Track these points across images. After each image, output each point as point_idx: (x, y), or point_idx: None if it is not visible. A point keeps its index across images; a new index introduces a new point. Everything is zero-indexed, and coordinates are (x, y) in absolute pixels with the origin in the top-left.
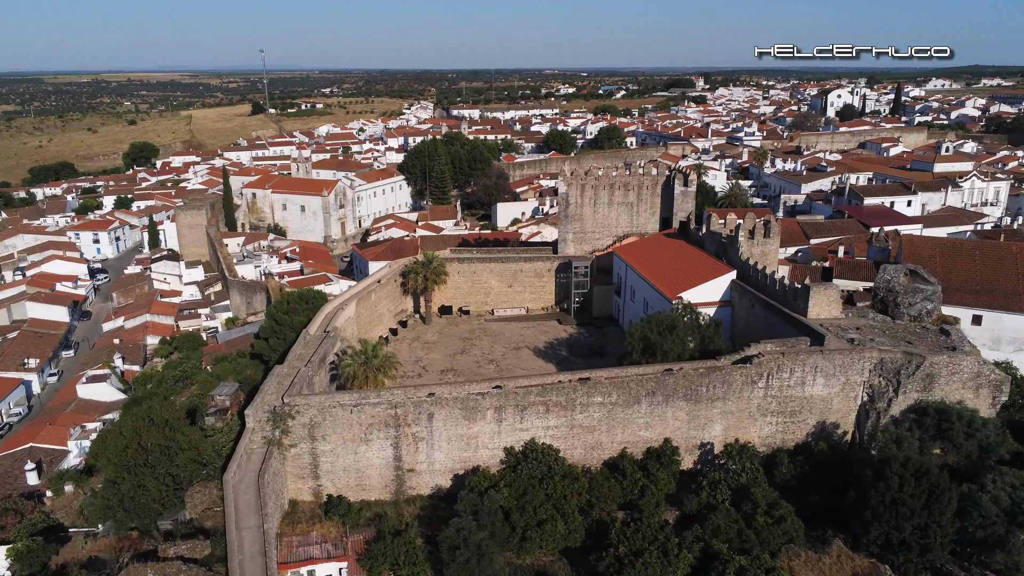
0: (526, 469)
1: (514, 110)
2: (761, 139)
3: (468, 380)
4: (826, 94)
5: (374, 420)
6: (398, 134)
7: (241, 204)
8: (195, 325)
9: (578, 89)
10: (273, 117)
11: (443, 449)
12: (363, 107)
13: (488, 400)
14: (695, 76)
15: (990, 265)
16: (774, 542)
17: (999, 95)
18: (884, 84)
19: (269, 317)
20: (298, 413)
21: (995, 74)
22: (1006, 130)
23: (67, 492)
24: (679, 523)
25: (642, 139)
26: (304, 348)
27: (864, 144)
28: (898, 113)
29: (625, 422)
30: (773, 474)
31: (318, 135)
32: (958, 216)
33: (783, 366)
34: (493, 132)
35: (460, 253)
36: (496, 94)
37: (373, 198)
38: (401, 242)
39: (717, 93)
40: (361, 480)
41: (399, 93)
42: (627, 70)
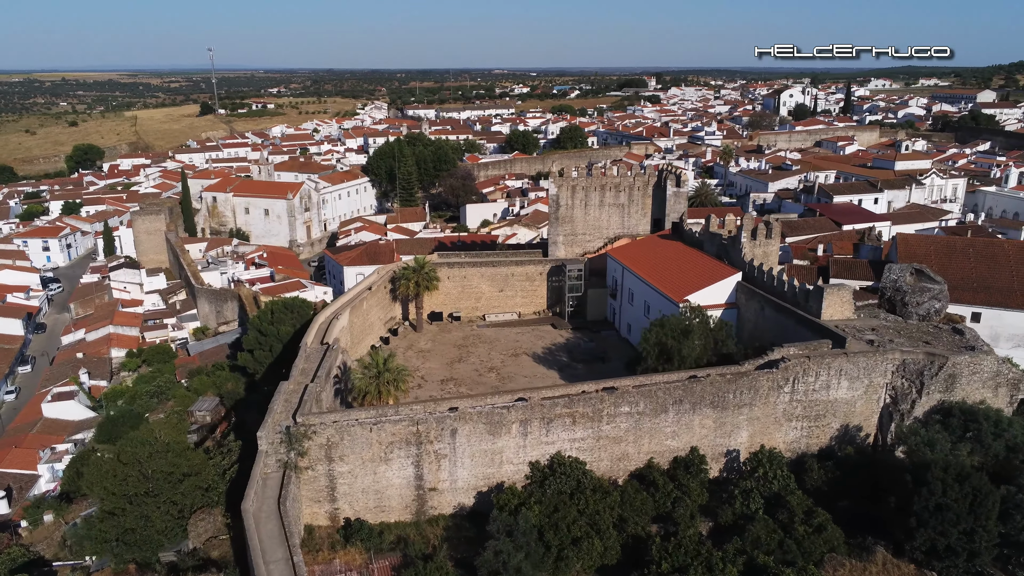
0: (554, 484)
1: (470, 110)
2: (721, 138)
3: (491, 393)
4: (778, 94)
5: (395, 438)
6: (356, 135)
7: (201, 208)
8: (162, 336)
9: (532, 89)
10: (223, 118)
11: (466, 466)
12: (316, 107)
13: (513, 414)
14: (647, 76)
15: (984, 263)
16: (815, 552)
17: (939, 95)
18: (828, 84)
19: (253, 328)
20: (314, 433)
21: (931, 74)
22: (952, 128)
23: (46, 522)
24: (713, 535)
25: (603, 139)
26: (307, 362)
27: (820, 143)
28: (849, 112)
29: (652, 432)
30: (803, 480)
31: (273, 136)
32: (923, 213)
33: (809, 370)
34: (454, 132)
35: (448, 257)
36: (451, 94)
37: (338, 201)
38: (376, 246)
39: (670, 93)
40: (380, 502)
41: (350, 93)
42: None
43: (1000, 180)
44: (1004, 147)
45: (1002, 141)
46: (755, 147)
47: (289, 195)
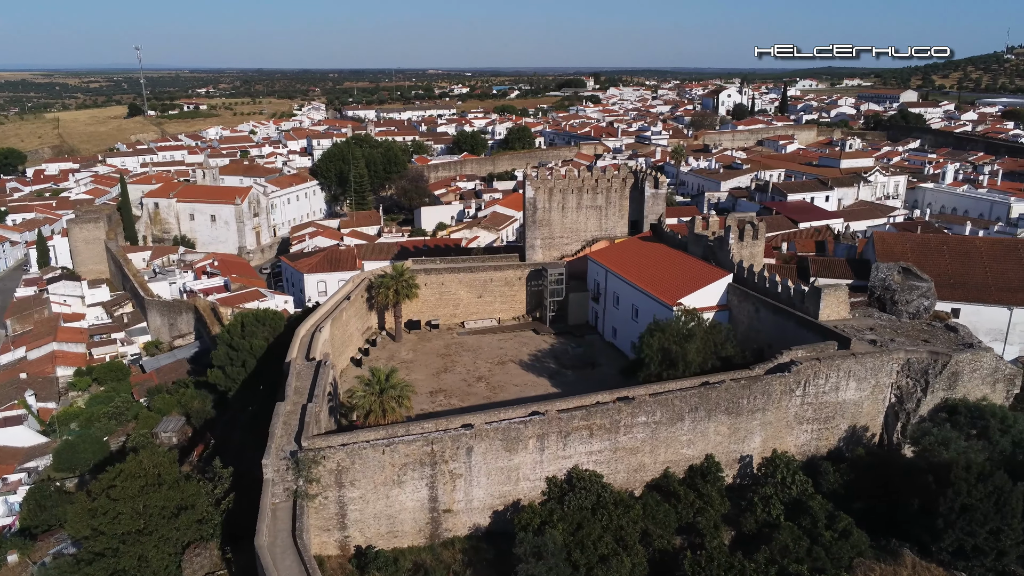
0: (575, 500)
1: (411, 110)
2: (667, 138)
3: (505, 406)
4: (716, 94)
5: (408, 459)
6: (297, 136)
7: (142, 215)
8: (110, 352)
9: (472, 89)
10: (153, 120)
11: (482, 485)
12: (251, 108)
13: (530, 428)
14: (585, 76)
15: (959, 260)
16: (843, 557)
17: (865, 94)
18: (758, 84)
19: (222, 343)
20: (323, 458)
21: (853, 75)
22: (884, 127)
23: (10, 563)
24: (736, 544)
25: (550, 139)
26: (299, 380)
27: (762, 141)
28: (785, 111)
29: (668, 441)
30: (819, 484)
31: (210, 139)
32: (872, 210)
33: (819, 372)
34: (400, 133)
35: (424, 263)
36: (389, 94)
37: (287, 205)
38: (337, 252)
39: (609, 93)
40: (393, 527)
41: (284, 93)
42: (511, 70)
43: (937, 177)
44: (933, 145)
45: (930, 139)
46: (701, 146)
47: (237, 200)
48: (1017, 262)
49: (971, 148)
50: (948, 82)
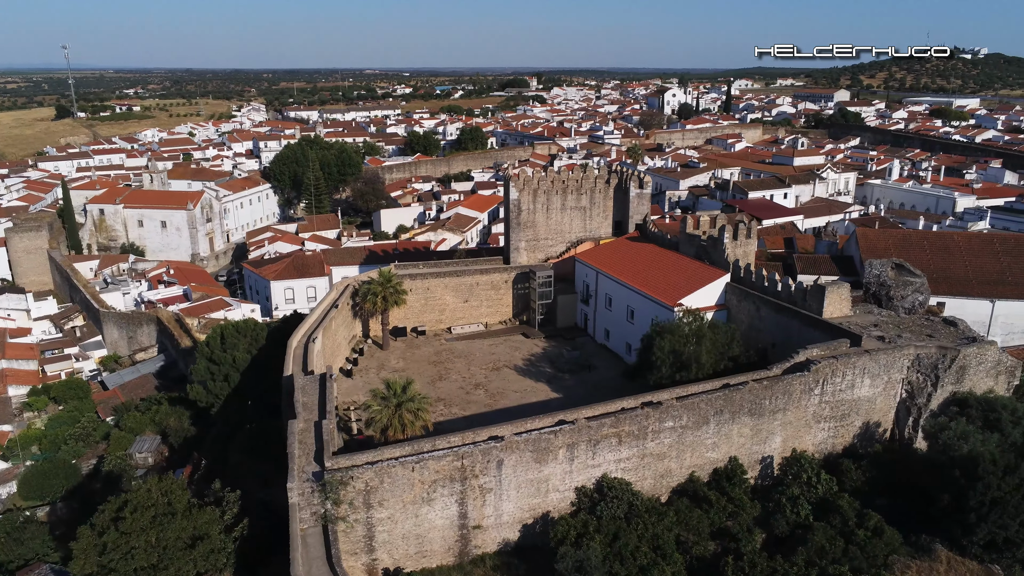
0: (607, 509)
1: (355, 111)
2: (620, 137)
3: (532, 416)
4: (661, 93)
5: (438, 475)
6: (241, 138)
7: (86, 222)
8: (65, 368)
9: (415, 89)
10: (84, 122)
11: (512, 498)
12: (187, 109)
13: (560, 438)
14: (528, 76)
15: (939, 254)
16: (878, 556)
17: (800, 93)
18: (696, 84)
19: (202, 357)
20: (351, 478)
21: (786, 74)
22: (825, 125)
23: None
24: (767, 546)
25: (502, 139)
26: (306, 396)
27: (711, 140)
28: (729, 111)
29: (694, 445)
30: (843, 482)
31: (150, 141)
32: (829, 206)
33: (836, 371)
34: (349, 135)
35: (407, 268)
36: (330, 95)
37: (240, 210)
38: (303, 257)
39: (553, 93)
40: (422, 546)
41: (220, 94)
42: (448, 70)
43: (881, 173)
44: (872, 142)
45: (869, 137)
46: (654, 145)
47: (189, 205)
48: (993, 256)
49: (908, 145)
50: (875, 82)
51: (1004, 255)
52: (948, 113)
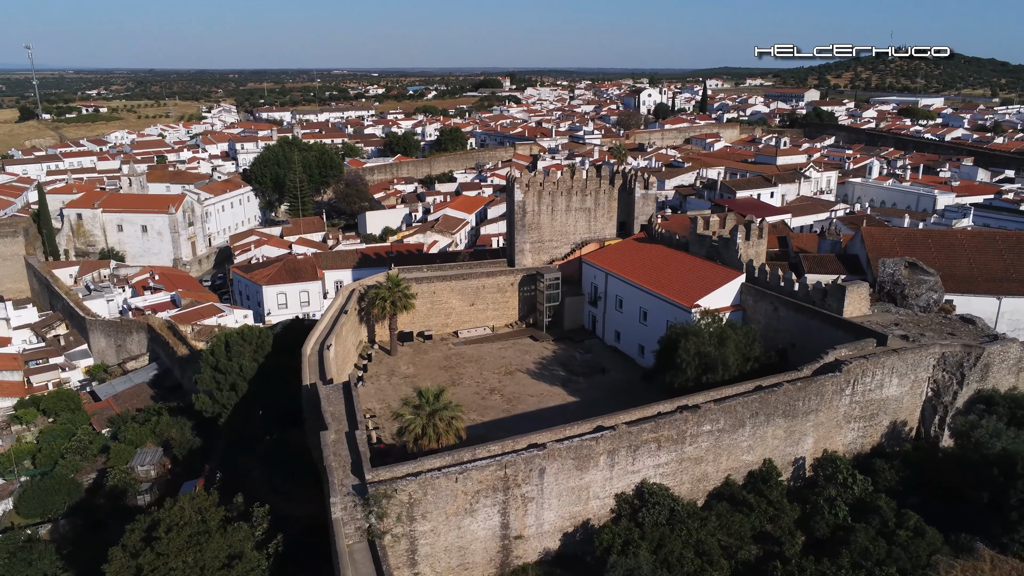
0: (649, 515)
1: (327, 112)
2: (600, 137)
3: (570, 423)
4: (637, 93)
5: (481, 485)
6: (216, 140)
7: (62, 227)
8: (51, 379)
9: (388, 90)
10: (49, 124)
11: (553, 507)
12: (155, 111)
13: (601, 444)
14: (502, 76)
15: (943, 252)
16: (921, 556)
17: (772, 93)
18: (667, 84)
19: (206, 366)
20: (395, 491)
21: (754, 74)
22: (800, 124)
23: None
24: (806, 549)
25: (481, 140)
26: (332, 405)
27: (689, 140)
28: (705, 110)
29: (730, 448)
30: (877, 482)
31: (120, 143)
32: (815, 205)
33: (867, 370)
34: (327, 136)
35: (411, 271)
36: (302, 95)
37: (221, 213)
38: (295, 261)
39: (527, 93)
40: (464, 559)
41: (187, 94)
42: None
43: (859, 172)
44: (846, 141)
45: (844, 136)
46: (636, 145)
47: (171, 208)
48: (996, 253)
49: (882, 144)
50: (841, 82)
51: (1007, 252)
52: (916, 112)
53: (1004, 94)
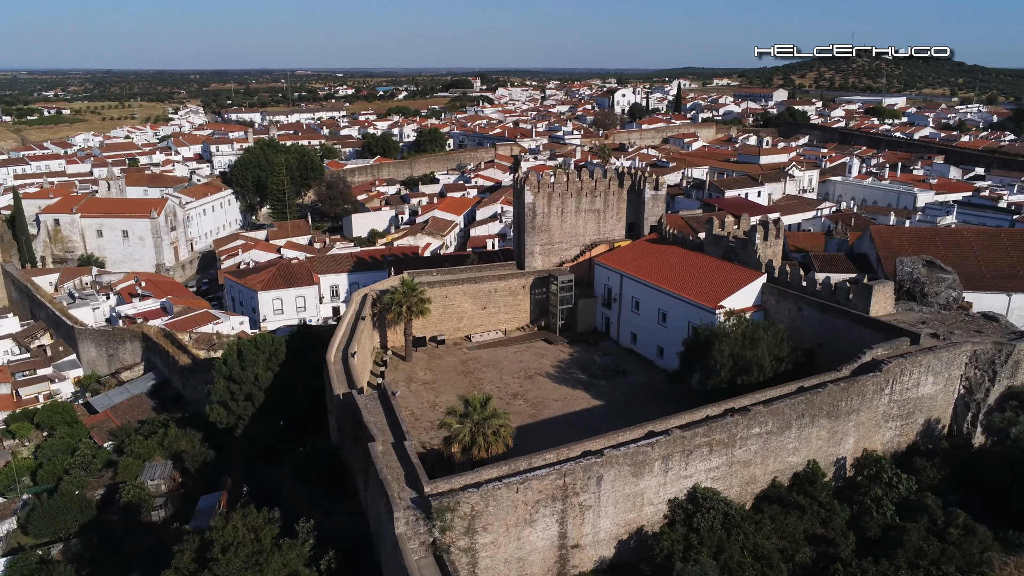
0: (704, 520)
1: (298, 113)
2: (580, 137)
3: (622, 429)
4: (611, 94)
5: (541, 495)
6: (188, 142)
7: (39, 233)
8: (41, 391)
9: (357, 90)
10: (10, 126)
11: (609, 515)
12: (120, 112)
13: (656, 450)
14: (472, 76)
15: (952, 250)
16: (974, 554)
17: (741, 93)
18: (635, 83)
19: (220, 376)
20: (457, 503)
21: (719, 74)
22: (774, 124)
23: None
24: (857, 549)
25: (460, 140)
26: (372, 415)
27: (667, 140)
28: (680, 110)
29: (777, 450)
30: (920, 480)
31: (89, 146)
32: (802, 203)
33: (905, 369)
34: (304, 137)
35: (421, 275)
36: (270, 96)
37: (203, 217)
38: (290, 266)
39: (499, 93)
40: (523, 570)
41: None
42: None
43: (837, 170)
44: (820, 140)
45: (817, 135)
46: (616, 145)
47: (153, 213)
48: (1003, 251)
49: (855, 143)
50: (806, 81)
51: (1012, 249)
52: (882, 111)
53: (963, 93)
